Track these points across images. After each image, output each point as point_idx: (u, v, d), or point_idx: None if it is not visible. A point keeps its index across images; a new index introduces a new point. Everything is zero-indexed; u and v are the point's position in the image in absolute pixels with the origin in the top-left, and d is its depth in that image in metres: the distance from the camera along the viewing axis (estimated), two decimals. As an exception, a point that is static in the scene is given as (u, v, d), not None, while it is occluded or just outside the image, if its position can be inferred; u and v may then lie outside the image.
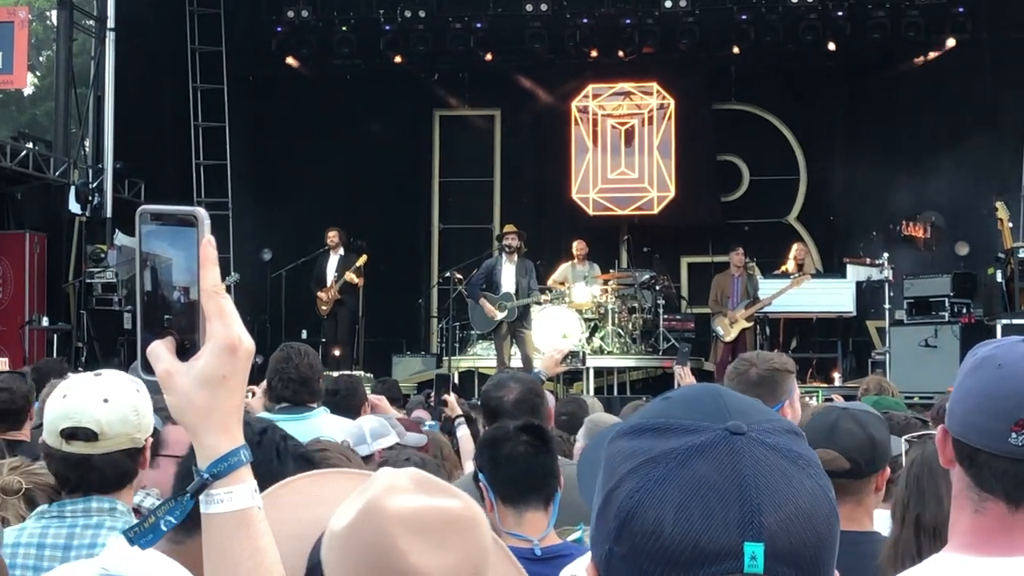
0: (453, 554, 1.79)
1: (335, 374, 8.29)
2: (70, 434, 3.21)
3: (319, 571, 1.83)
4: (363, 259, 17.40)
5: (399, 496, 1.79)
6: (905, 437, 3.78)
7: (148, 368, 1.60)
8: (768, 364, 4.57)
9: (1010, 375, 2.07)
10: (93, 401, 3.21)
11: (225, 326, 1.58)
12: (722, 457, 1.24)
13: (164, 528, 1.62)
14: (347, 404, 6.62)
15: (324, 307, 17.47)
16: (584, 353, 16.15)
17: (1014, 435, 2.04)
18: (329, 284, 17.44)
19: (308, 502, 1.97)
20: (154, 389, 1.65)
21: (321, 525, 1.87)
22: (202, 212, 1.60)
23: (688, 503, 1.22)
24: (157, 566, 2.23)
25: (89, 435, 3.19)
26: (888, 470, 3.48)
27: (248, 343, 1.61)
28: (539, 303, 16.40)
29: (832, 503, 1.28)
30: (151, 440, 3.31)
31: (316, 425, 5.66)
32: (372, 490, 1.80)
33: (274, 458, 2.48)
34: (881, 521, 3.54)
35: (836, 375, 17.18)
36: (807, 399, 8.40)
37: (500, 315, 15.55)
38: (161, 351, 1.59)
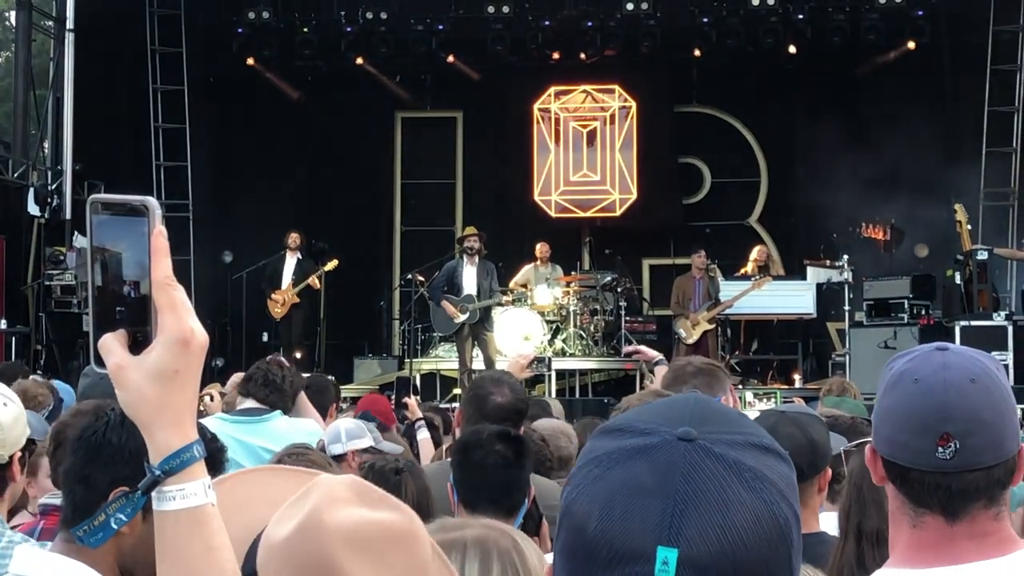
0: (393, 571, 1.77)
1: (305, 375, 8.43)
2: None
3: None
4: (333, 264, 17.36)
5: (339, 509, 1.76)
6: (843, 448, 3.81)
7: (100, 362, 1.58)
8: (704, 361, 4.63)
9: (928, 389, 2.08)
10: None
11: (177, 319, 1.55)
12: (659, 460, 1.22)
13: (114, 526, 1.60)
14: (317, 401, 6.77)
15: (279, 309, 17.41)
16: (549, 358, 16.14)
17: (940, 449, 2.05)
18: (285, 286, 17.39)
19: (254, 499, 1.94)
20: (107, 384, 1.62)
21: (260, 526, 1.84)
22: (153, 202, 1.57)
23: (613, 502, 1.21)
24: (61, 568, 2.20)
25: None
26: (829, 471, 3.49)
27: (201, 336, 1.58)
28: (500, 304, 16.38)
29: (779, 523, 1.23)
30: (20, 453, 3.23)
31: (274, 428, 5.66)
32: (311, 501, 1.77)
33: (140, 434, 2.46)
34: (829, 523, 3.56)
35: (797, 377, 17.27)
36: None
37: (462, 317, 15.52)
38: (112, 345, 1.56)
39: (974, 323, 14.50)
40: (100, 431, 2.51)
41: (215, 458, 3.03)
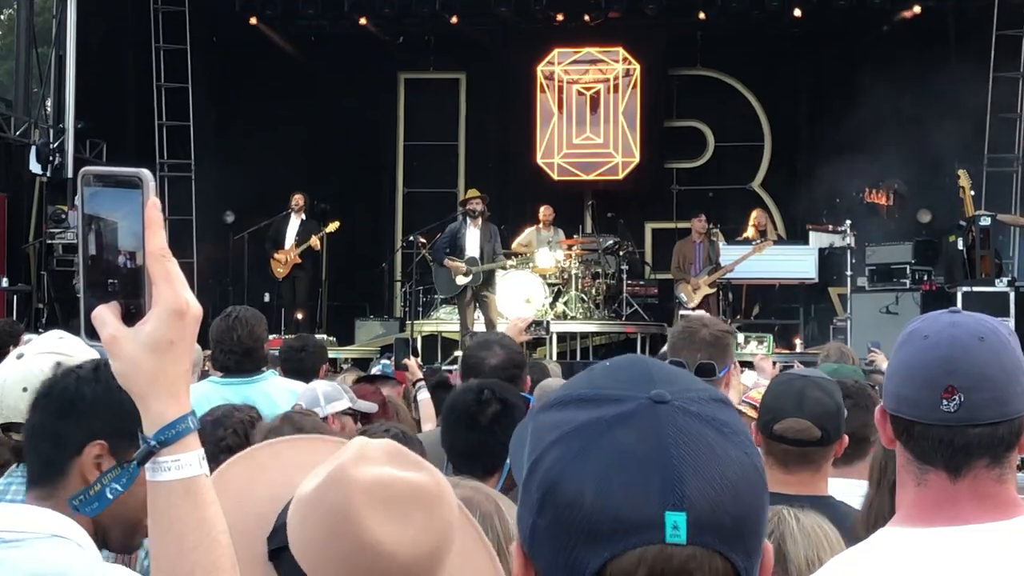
0: (415, 529, 1.79)
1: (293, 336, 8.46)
2: (6, 427, 3.20)
3: (283, 533, 1.85)
4: (334, 226, 17.37)
5: (367, 466, 1.79)
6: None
7: (93, 333, 1.57)
8: (718, 326, 4.61)
9: (935, 344, 2.11)
10: (14, 392, 3.17)
11: (172, 290, 1.55)
12: (644, 426, 1.22)
13: (110, 496, 1.61)
14: (310, 364, 6.83)
15: (281, 269, 17.42)
16: (548, 322, 16.13)
17: (945, 402, 2.07)
18: (288, 247, 17.39)
19: (286, 467, 1.97)
20: (101, 356, 1.62)
21: (294, 490, 1.88)
22: (146, 173, 1.56)
23: (609, 474, 1.21)
24: (38, 516, 2.20)
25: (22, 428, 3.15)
26: (846, 437, 3.50)
27: (195, 307, 1.58)
28: (504, 268, 16.38)
29: (759, 473, 1.26)
30: None
31: (264, 388, 5.62)
32: (342, 457, 1.80)
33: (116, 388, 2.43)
34: (834, 487, 3.57)
35: (798, 341, 17.28)
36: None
37: (465, 279, 15.49)
38: (106, 316, 1.56)
39: (976, 289, 14.47)
40: (71, 385, 2.42)
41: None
